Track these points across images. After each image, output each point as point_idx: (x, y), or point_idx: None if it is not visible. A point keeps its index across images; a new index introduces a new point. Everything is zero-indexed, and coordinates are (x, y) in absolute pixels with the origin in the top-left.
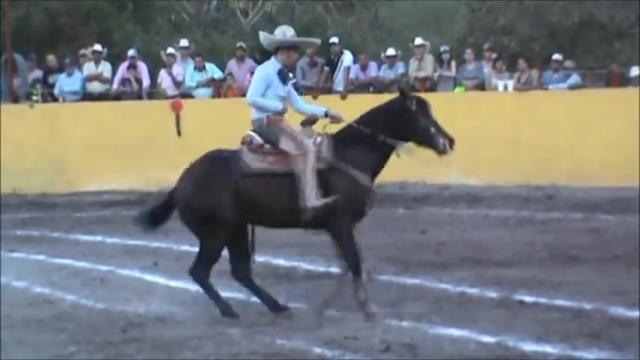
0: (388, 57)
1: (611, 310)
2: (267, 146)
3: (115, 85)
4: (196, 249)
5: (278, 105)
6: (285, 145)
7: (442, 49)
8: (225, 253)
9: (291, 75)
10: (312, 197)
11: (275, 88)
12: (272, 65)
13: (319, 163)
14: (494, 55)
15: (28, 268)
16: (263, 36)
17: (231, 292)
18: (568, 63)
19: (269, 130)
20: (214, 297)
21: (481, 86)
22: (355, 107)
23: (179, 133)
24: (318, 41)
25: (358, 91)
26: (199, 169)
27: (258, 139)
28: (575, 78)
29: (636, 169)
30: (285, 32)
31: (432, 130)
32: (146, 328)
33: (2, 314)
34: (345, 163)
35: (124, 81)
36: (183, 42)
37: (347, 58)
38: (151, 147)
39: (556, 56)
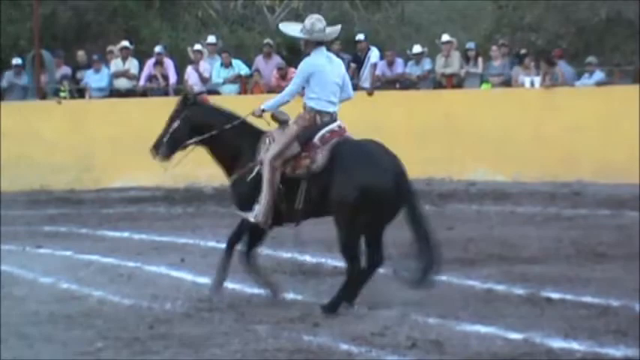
0: (415, 54)
1: (639, 307)
2: None
3: (141, 82)
4: (221, 245)
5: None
6: None
7: (468, 45)
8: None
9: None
10: None
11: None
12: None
13: None
14: (523, 51)
15: (56, 264)
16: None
17: (258, 289)
18: (591, 59)
19: None
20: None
21: (507, 83)
22: (381, 104)
23: None
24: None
25: (385, 87)
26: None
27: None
28: (599, 75)
29: None
30: (313, 23)
31: None
32: (173, 324)
33: (30, 310)
34: None
35: (151, 77)
36: (211, 38)
37: (373, 54)
38: None
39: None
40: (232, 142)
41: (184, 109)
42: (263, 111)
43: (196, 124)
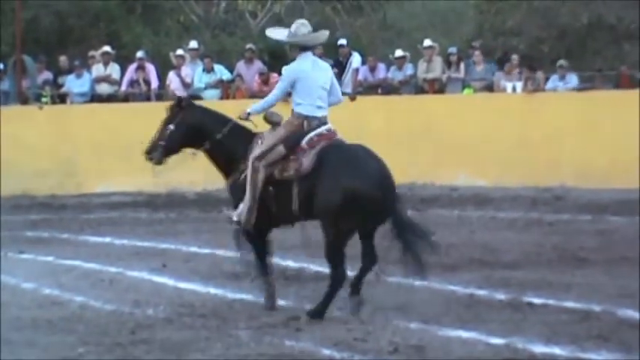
0: (397, 58)
1: (620, 311)
2: None
3: (123, 87)
4: (203, 251)
5: None
6: None
7: (450, 50)
8: None
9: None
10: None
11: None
12: None
13: None
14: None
15: (37, 270)
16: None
17: (240, 294)
18: (562, 62)
19: None
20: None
21: (489, 88)
22: (364, 109)
23: None
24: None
25: (367, 92)
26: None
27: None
28: (573, 79)
29: None
30: (297, 28)
31: None
32: (155, 329)
33: (11, 315)
34: None
35: (133, 82)
36: (193, 43)
37: (355, 59)
38: None
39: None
40: (227, 145)
41: (179, 112)
42: (249, 114)
43: (192, 127)
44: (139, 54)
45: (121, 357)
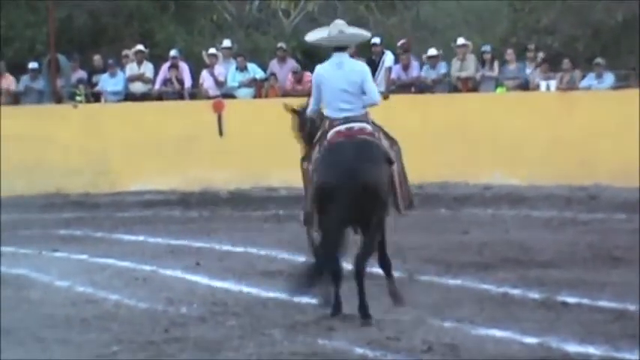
0: (430, 57)
1: None
2: None
3: (156, 86)
4: (237, 249)
5: None
6: None
7: (484, 49)
8: None
9: None
10: None
11: None
12: None
13: None
14: (540, 55)
15: (71, 268)
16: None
17: (273, 292)
18: (599, 60)
19: None
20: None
21: (523, 86)
22: (397, 108)
23: (221, 133)
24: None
25: (400, 91)
26: None
27: None
28: (610, 77)
29: None
30: (338, 28)
31: None
32: (188, 327)
33: (45, 313)
34: None
35: (166, 81)
36: (226, 42)
37: (388, 58)
38: (193, 147)
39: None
40: None
41: None
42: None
43: None
44: (173, 53)
45: (155, 355)
